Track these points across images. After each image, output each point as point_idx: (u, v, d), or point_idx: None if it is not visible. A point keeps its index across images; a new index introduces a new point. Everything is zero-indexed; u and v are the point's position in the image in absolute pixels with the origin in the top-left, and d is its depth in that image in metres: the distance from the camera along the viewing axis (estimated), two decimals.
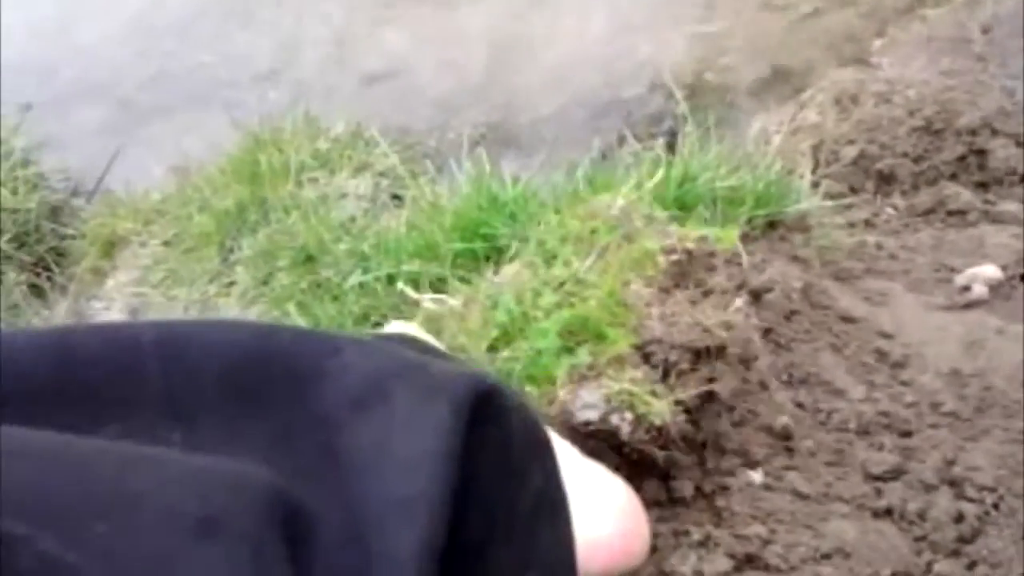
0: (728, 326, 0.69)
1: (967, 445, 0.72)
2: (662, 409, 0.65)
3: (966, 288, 0.88)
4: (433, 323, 0.73)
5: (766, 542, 0.64)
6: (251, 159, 1.07)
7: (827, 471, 0.71)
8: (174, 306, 0.92)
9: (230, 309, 0.87)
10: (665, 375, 0.67)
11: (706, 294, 0.73)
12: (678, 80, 1.24)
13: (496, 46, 1.35)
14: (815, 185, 1.05)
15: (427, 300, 0.78)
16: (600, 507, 0.49)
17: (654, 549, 0.66)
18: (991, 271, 0.90)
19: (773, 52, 1.26)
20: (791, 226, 0.95)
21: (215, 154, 1.11)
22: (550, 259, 0.74)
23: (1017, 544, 0.65)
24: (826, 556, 0.63)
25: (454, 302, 0.75)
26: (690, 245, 0.73)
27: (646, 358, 0.69)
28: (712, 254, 0.76)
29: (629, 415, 0.64)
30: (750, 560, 0.63)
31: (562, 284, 0.72)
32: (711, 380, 0.68)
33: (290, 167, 1.04)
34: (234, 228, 0.99)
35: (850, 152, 1.09)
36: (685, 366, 0.68)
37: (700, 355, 0.69)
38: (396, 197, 1.09)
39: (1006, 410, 0.75)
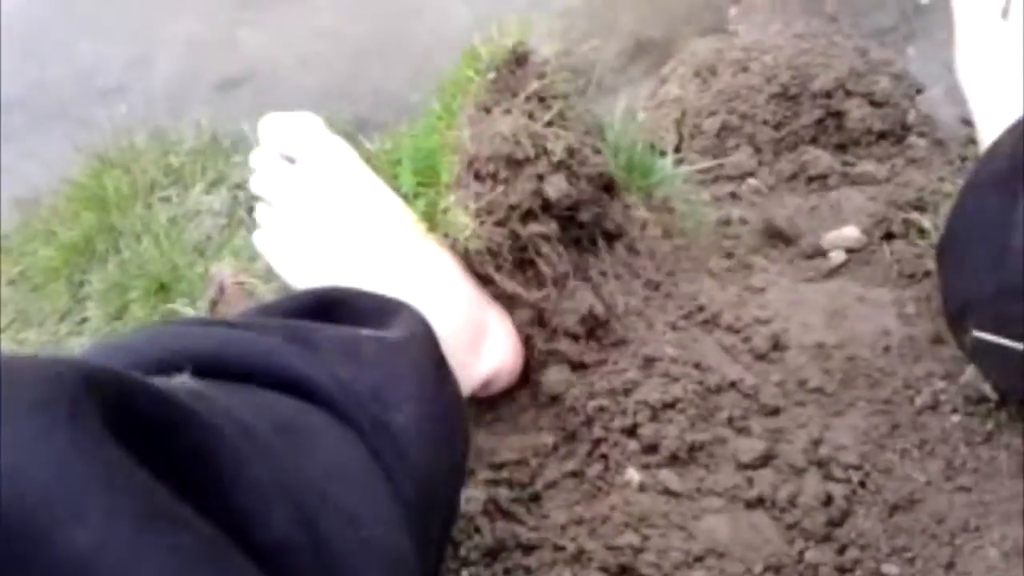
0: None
1: (833, 421, 0.73)
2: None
3: (825, 254, 0.89)
4: None
5: (638, 551, 0.63)
6: (98, 183, 1.01)
7: (699, 464, 0.71)
8: (24, 350, 0.87)
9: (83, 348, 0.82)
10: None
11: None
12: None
13: (359, 38, 1.31)
14: (679, 161, 1.04)
15: None
16: (501, 342, 0.75)
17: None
18: (849, 232, 0.90)
19: (634, 25, 1.25)
20: (655, 205, 0.94)
21: (62, 180, 1.06)
22: None
23: (884, 522, 0.65)
24: (699, 559, 0.63)
25: None
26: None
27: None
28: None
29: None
30: (624, 572, 0.62)
31: None
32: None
33: (138, 188, 0.99)
34: (83, 260, 0.94)
35: (712, 124, 1.08)
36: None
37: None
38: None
39: (869, 379, 0.76)
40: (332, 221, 0.73)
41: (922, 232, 0.88)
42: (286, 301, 0.61)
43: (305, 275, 0.73)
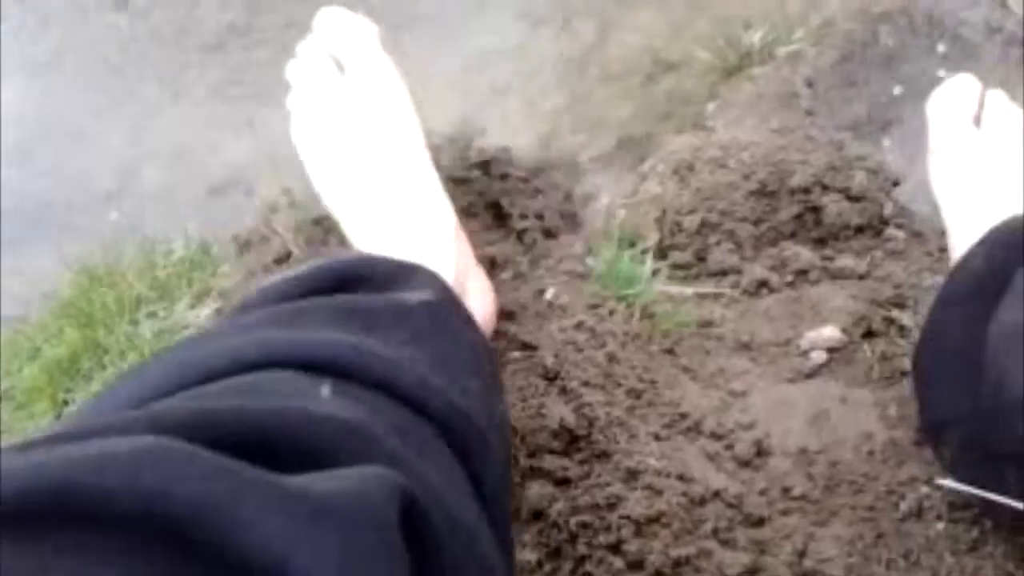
0: None
1: (817, 531, 0.72)
2: None
3: (806, 354, 0.89)
4: None
5: None
6: (84, 299, 1.02)
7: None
8: None
9: None
10: None
11: None
12: (527, 157, 1.24)
13: None
14: (660, 259, 1.05)
15: None
16: (480, 295, 0.77)
17: None
18: (830, 332, 0.91)
19: (614, 123, 1.27)
20: (636, 312, 0.95)
21: (47, 295, 1.07)
22: None
23: None
24: None
25: None
26: None
27: None
28: None
29: None
30: None
31: None
32: None
33: (125, 303, 1.00)
34: (67, 378, 0.95)
35: (692, 221, 1.10)
36: None
37: None
38: None
39: (853, 485, 0.76)
40: (363, 139, 0.75)
41: (902, 330, 0.88)
42: (304, 279, 0.60)
43: (327, 179, 0.76)
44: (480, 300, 0.78)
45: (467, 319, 0.65)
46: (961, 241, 0.77)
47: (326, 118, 0.77)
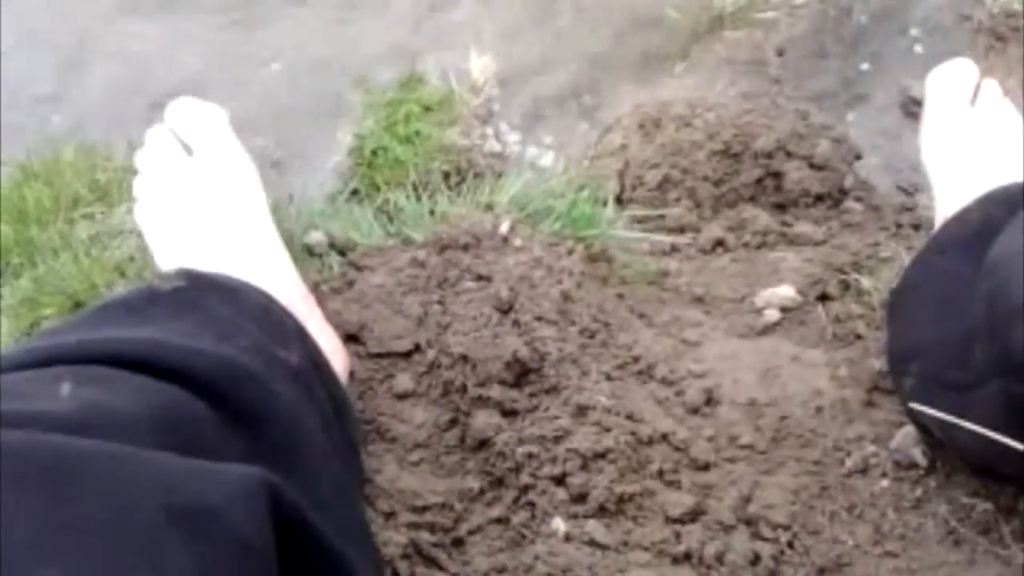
0: None
1: (763, 480, 0.72)
2: None
3: (760, 311, 0.89)
4: None
5: None
6: (18, 195, 0.97)
7: (627, 516, 0.69)
8: None
9: None
10: None
11: None
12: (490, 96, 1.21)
13: (302, 63, 1.29)
14: (620, 210, 1.04)
15: None
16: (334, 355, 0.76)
17: None
18: (784, 291, 0.90)
19: (581, 71, 1.25)
20: (594, 255, 0.93)
21: None
22: None
23: None
24: None
25: None
26: None
27: None
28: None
29: None
30: None
31: None
32: None
33: (61, 203, 0.95)
34: None
35: (654, 176, 1.08)
36: None
37: None
38: None
39: (800, 439, 0.75)
40: (210, 219, 0.79)
41: (859, 294, 0.88)
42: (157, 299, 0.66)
43: (175, 255, 0.79)
44: (331, 359, 0.76)
45: (225, 290, 0.69)
46: (949, 205, 0.81)
47: (172, 196, 0.81)
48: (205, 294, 0.67)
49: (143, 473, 0.41)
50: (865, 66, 1.22)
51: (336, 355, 0.77)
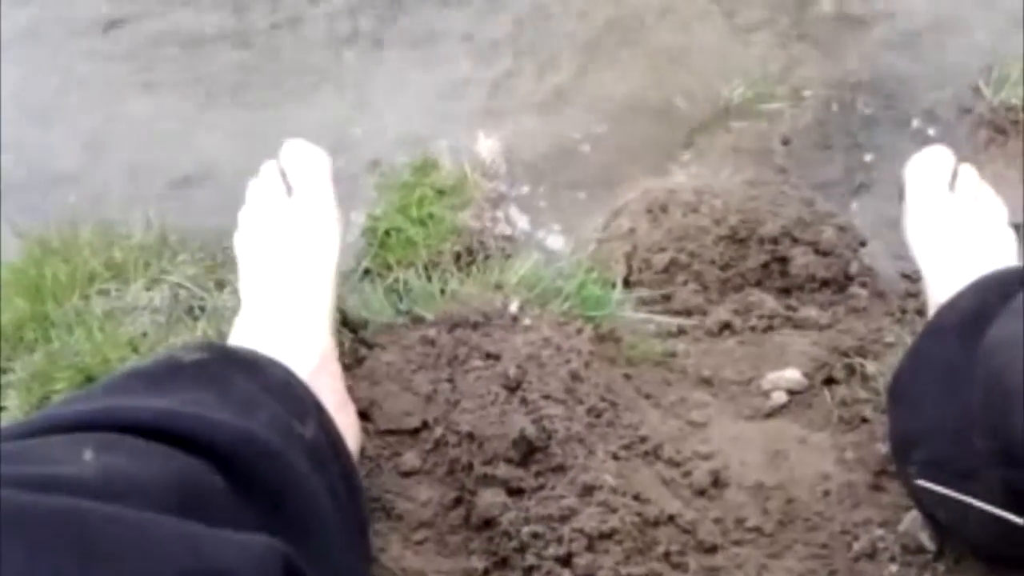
0: None
1: (770, 563, 0.71)
2: None
3: (767, 394, 0.89)
4: None
5: None
6: (36, 270, 0.99)
7: None
8: None
9: None
10: None
11: None
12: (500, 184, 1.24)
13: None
14: (627, 292, 1.05)
15: None
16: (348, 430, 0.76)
17: None
18: (791, 374, 0.91)
19: (590, 159, 1.28)
20: (602, 335, 0.94)
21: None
22: None
23: None
24: None
25: None
26: None
27: None
28: None
29: None
30: None
31: None
32: None
33: (77, 279, 0.97)
34: (8, 346, 0.91)
35: (661, 259, 1.10)
36: None
37: None
38: (200, 308, 1.03)
39: (807, 523, 0.75)
40: (285, 265, 0.84)
41: (864, 379, 0.88)
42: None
43: (253, 286, 0.85)
44: (344, 428, 0.77)
45: (246, 364, 0.71)
46: (939, 291, 0.82)
47: (265, 231, 0.87)
48: (226, 367, 0.69)
49: (163, 538, 0.42)
50: (869, 157, 1.24)
51: (350, 431, 0.77)
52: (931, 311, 0.84)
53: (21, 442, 0.51)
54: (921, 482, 0.64)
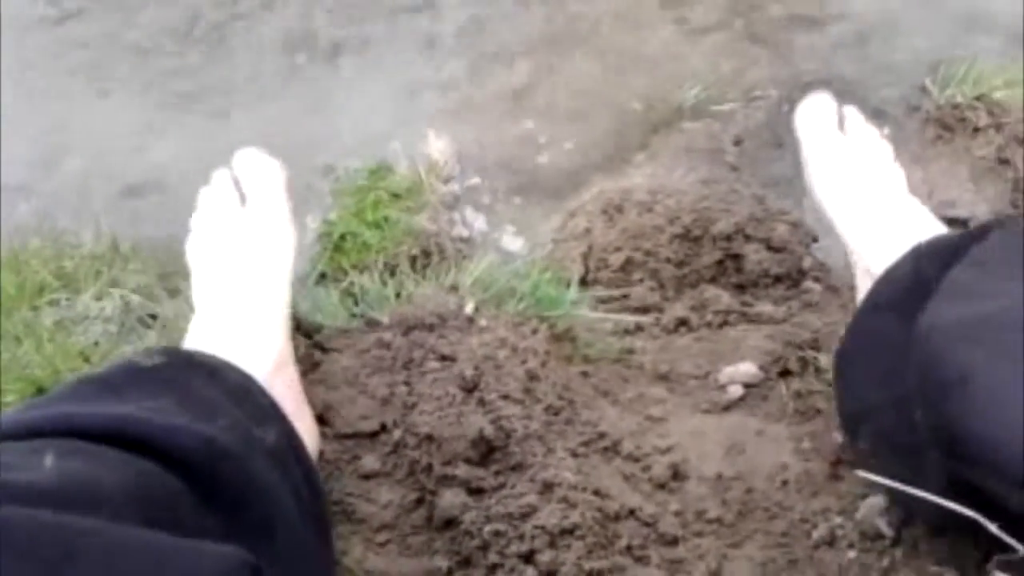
0: None
1: (731, 553, 0.72)
2: None
3: (724, 388, 0.90)
4: None
5: None
6: None
7: None
8: None
9: None
10: None
11: None
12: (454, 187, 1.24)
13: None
14: (584, 290, 1.05)
15: None
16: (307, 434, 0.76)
17: None
18: (747, 368, 0.92)
19: (542, 160, 1.28)
20: (558, 334, 0.94)
21: None
22: None
23: None
24: None
25: None
26: None
27: None
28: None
29: None
30: None
31: None
32: None
33: (26, 290, 0.95)
34: None
35: (617, 258, 1.10)
36: None
37: None
38: (152, 317, 1.02)
39: (767, 512, 0.76)
40: (239, 273, 0.83)
41: (818, 371, 0.89)
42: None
43: (205, 293, 0.84)
44: (302, 430, 0.77)
45: (205, 369, 0.71)
46: (852, 236, 0.86)
47: (219, 239, 0.87)
48: (185, 372, 0.68)
49: (136, 552, 0.41)
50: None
51: (308, 434, 0.77)
52: (851, 257, 0.88)
53: None
54: (864, 473, 0.64)
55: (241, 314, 0.81)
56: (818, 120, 0.97)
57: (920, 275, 0.71)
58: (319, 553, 0.67)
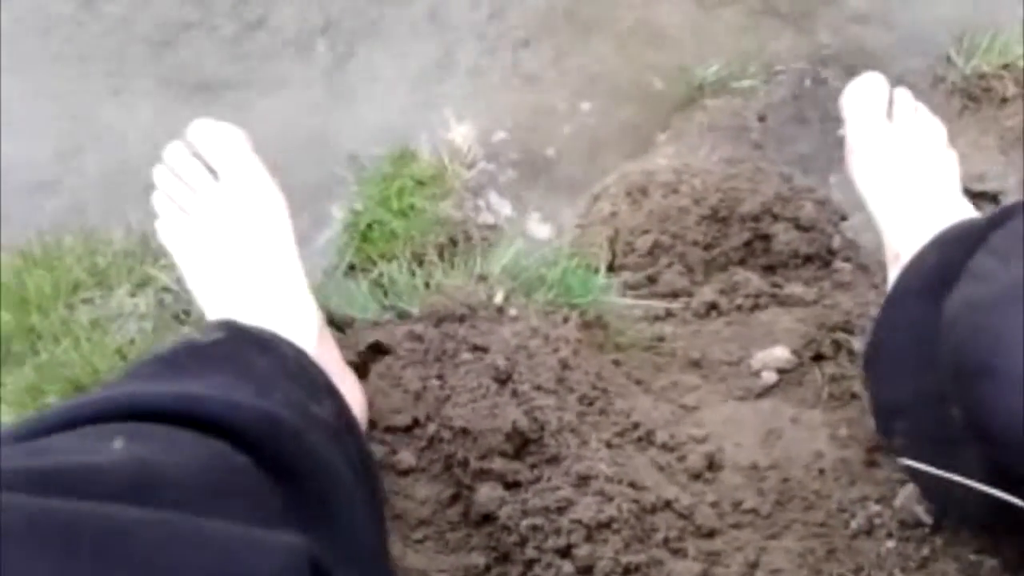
0: None
1: (769, 544, 0.72)
2: None
3: (757, 374, 0.90)
4: None
5: None
6: (18, 282, 0.98)
7: None
8: None
9: None
10: None
11: None
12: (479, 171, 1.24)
13: (293, 143, 1.31)
14: (612, 276, 1.05)
15: None
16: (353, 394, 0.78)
17: None
18: (780, 353, 0.91)
19: (567, 143, 1.27)
20: (589, 322, 0.94)
21: None
22: None
23: None
24: None
25: None
26: None
27: None
28: None
29: None
30: None
31: None
32: None
33: (61, 289, 0.96)
34: None
35: (644, 242, 1.10)
36: None
37: None
38: (186, 313, 1.02)
39: (804, 502, 0.76)
40: (240, 251, 0.80)
41: (851, 354, 0.89)
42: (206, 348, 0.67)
43: (200, 277, 0.81)
44: (350, 398, 0.77)
45: (262, 344, 0.70)
46: (889, 226, 0.83)
47: (201, 221, 0.82)
48: (244, 347, 0.68)
49: (191, 543, 0.41)
50: (843, 130, 1.25)
51: (356, 404, 0.77)
52: (887, 249, 0.85)
53: (35, 442, 0.50)
54: (904, 460, 0.64)
55: (265, 291, 0.79)
56: (866, 104, 0.93)
57: (946, 262, 0.70)
58: (376, 526, 0.67)
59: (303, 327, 0.77)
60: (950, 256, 0.71)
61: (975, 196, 1.17)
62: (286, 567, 0.44)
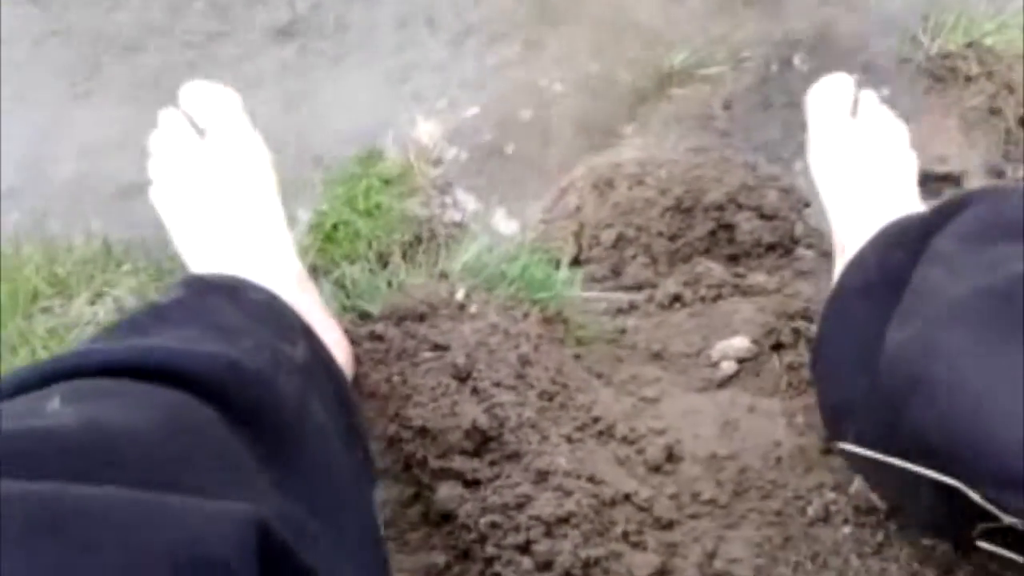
0: None
1: (727, 534, 0.72)
2: None
3: (717, 364, 0.89)
4: None
5: None
6: None
7: None
8: None
9: None
10: None
11: None
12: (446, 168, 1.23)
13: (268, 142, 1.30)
14: (577, 269, 1.05)
15: None
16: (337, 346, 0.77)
17: None
18: (739, 343, 0.91)
19: (532, 138, 1.27)
20: (550, 317, 0.94)
21: None
22: None
23: None
24: None
25: None
26: None
27: None
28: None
29: None
30: None
31: None
32: None
33: (19, 299, 0.96)
34: None
35: (609, 235, 1.10)
36: None
37: None
38: None
39: (761, 491, 0.76)
40: (222, 201, 0.80)
41: (809, 342, 0.89)
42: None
43: (189, 238, 0.81)
44: (334, 351, 0.77)
45: (227, 291, 0.70)
46: (842, 225, 0.83)
47: (187, 180, 0.82)
48: (207, 298, 0.67)
49: (146, 522, 0.39)
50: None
51: (338, 346, 0.77)
52: (835, 244, 0.85)
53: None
54: (845, 446, 0.64)
55: (246, 240, 0.78)
56: (830, 103, 0.94)
57: (885, 264, 0.71)
58: (355, 465, 0.66)
59: (279, 272, 0.77)
60: (890, 256, 0.71)
61: (937, 179, 1.17)
62: (237, 541, 0.41)
